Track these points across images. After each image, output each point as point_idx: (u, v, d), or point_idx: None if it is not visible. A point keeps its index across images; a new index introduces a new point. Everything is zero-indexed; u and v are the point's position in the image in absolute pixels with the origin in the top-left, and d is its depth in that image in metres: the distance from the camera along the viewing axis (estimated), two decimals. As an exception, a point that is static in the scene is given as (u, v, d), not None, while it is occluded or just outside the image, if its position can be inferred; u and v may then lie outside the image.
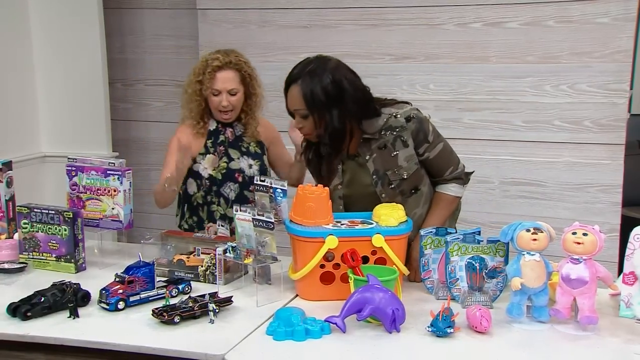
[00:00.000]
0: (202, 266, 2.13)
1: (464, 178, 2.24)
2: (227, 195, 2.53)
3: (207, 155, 2.52)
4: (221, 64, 2.46)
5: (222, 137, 2.56)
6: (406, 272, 2.01)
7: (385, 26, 3.36)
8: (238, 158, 2.55)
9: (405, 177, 2.13)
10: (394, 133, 2.11)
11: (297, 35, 3.45)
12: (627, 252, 1.85)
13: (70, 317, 1.83)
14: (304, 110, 2.06)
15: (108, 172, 2.33)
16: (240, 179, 2.53)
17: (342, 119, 2.06)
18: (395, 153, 2.12)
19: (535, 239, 1.77)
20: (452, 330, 1.69)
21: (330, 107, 2.04)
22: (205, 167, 2.50)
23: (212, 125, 2.56)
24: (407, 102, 2.21)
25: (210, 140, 2.54)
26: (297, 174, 2.46)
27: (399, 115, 2.13)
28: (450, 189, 2.22)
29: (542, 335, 1.74)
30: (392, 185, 2.13)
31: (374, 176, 2.14)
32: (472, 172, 2.28)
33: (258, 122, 2.59)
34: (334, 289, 1.96)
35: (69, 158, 2.41)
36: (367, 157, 2.14)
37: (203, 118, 2.53)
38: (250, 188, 2.42)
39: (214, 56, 2.48)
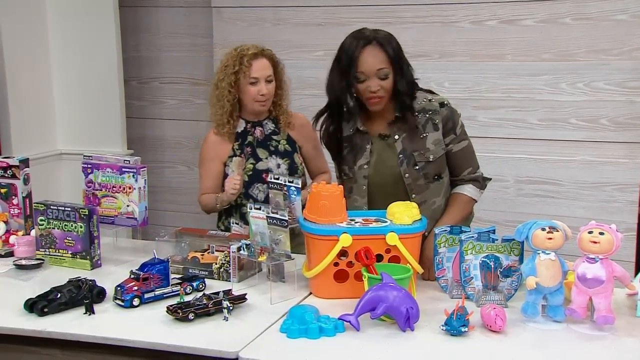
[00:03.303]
0: (216, 263, 2.14)
1: (481, 182, 2.25)
2: (255, 197, 2.51)
3: (234, 158, 2.48)
4: (257, 52, 2.47)
5: (250, 138, 2.53)
6: (420, 270, 2.00)
7: (400, 24, 3.35)
8: (266, 158, 2.52)
9: (431, 159, 2.16)
10: (427, 115, 2.16)
11: (311, 33, 3.45)
12: (645, 251, 1.83)
13: (86, 313, 1.85)
14: (387, 68, 2.09)
15: (123, 169, 2.34)
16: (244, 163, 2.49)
17: (411, 75, 2.15)
18: (424, 135, 2.16)
19: (550, 238, 1.75)
20: (466, 329, 1.69)
21: (404, 61, 2.14)
22: (233, 170, 2.48)
23: (241, 127, 2.54)
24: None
25: (237, 143, 2.52)
26: None
27: (433, 100, 2.20)
28: (467, 190, 2.23)
29: (558, 334, 1.72)
30: (417, 167, 2.15)
31: (401, 155, 2.16)
32: (490, 179, 2.30)
33: (290, 114, 2.57)
34: (348, 287, 1.96)
35: (84, 155, 2.43)
36: (397, 137, 2.17)
37: (232, 117, 2.51)
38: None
39: (244, 47, 2.48)
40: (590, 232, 1.73)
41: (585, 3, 3.04)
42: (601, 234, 1.72)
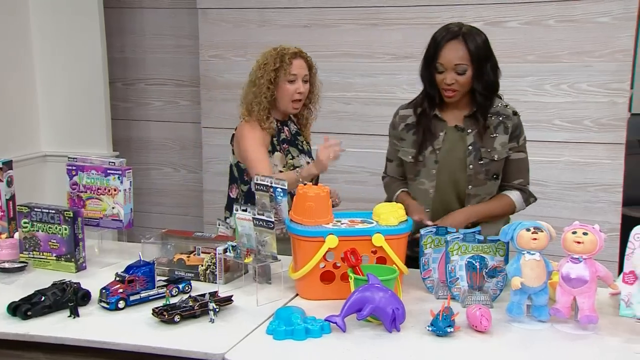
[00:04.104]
0: (202, 265, 2.13)
1: (527, 195, 2.34)
2: (293, 192, 2.49)
3: (275, 153, 2.51)
4: (297, 52, 2.51)
5: (283, 135, 2.56)
6: (406, 271, 2.01)
7: (386, 25, 3.36)
8: (297, 155, 2.56)
9: (496, 159, 2.24)
10: (500, 119, 2.26)
11: (297, 34, 3.45)
12: (627, 251, 1.85)
13: (70, 316, 1.84)
14: (465, 64, 2.15)
15: (108, 171, 2.33)
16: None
17: (495, 72, 2.22)
18: (494, 135, 2.24)
19: (535, 239, 1.77)
20: (452, 330, 1.69)
21: (487, 61, 2.19)
22: (276, 164, 2.49)
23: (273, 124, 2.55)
24: None
25: (275, 139, 2.53)
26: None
27: (508, 107, 2.30)
28: (513, 194, 2.32)
29: (542, 334, 1.74)
30: (482, 162, 2.23)
31: (470, 147, 2.24)
32: (535, 199, 2.38)
33: (313, 120, 2.64)
34: (334, 288, 1.96)
35: (69, 157, 2.41)
36: (469, 131, 2.25)
37: (268, 115, 2.51)
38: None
39: (284, 47, 2.51)
40: (574, 233, 1.75)
41: (569, 5, 3.07)
42: (585, 234, 1.73)
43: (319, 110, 2.65)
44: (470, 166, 2.24)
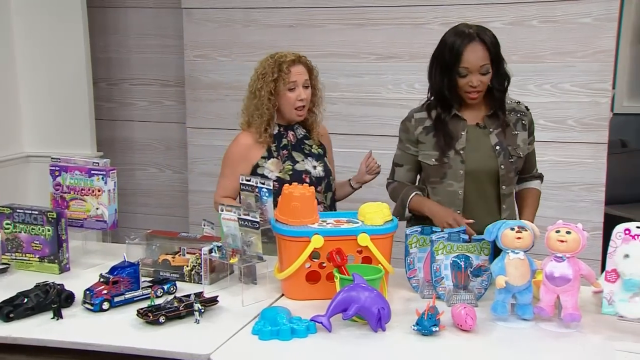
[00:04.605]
0: (187, 266, 2.12)
1: (541, 177, 2.43)
2: None
3: (271, 159, 2.48)
4: (294, 59, 2.47)
5: (284, 141, 2.52)
6: (391, 270, 2.01)
7: (371, 25, 3.37)
8: (302, 160, 2.51)
9: (521, 155, 2.26)
10: (517, 115, 2.28)
11: (282, 34, 3.45)
12: (610, 249, 1.87)
13: (53, 318, 1.82)
14: (488, 64, 2.16)
15: (92, 172, 2.31)
16: (307, 180, 2.46)
17: (506, 71, 2.25)
18: (515, 132, 2.26)
19: (519, 238, 1.78)
20: (437, 329, 1.70)
21: (501, 59, 2.22)
22: (271, 170, 2.46)
23: (274, 130, 2.52)
24: None
25: (274, 145, 2.50)
26: (343, 194, 2.63)
27: (521, 103, 2.34)
28: (536, 184, 2.39)
29: (526, 332, 1.75)
30: (511, 160, 2.24)
31: (497, 147, 2.23)
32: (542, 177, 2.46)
33: (319, 124, 2.59)
34: (320, 288, 1.96)
35: (52, 158, 2.39)
36: (492, 130, 2.25)
37: (270, 124, 2.49)
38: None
39: (281, 54, 2.48)
40: (557, 232, 1.76)
41: (551, 6, 3.10)
42: (568, 233, 1.75)
43: (324, 112, 2.61)
44: (502, 166, 2.22)
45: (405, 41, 3.32)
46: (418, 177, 2.37)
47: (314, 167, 2.52)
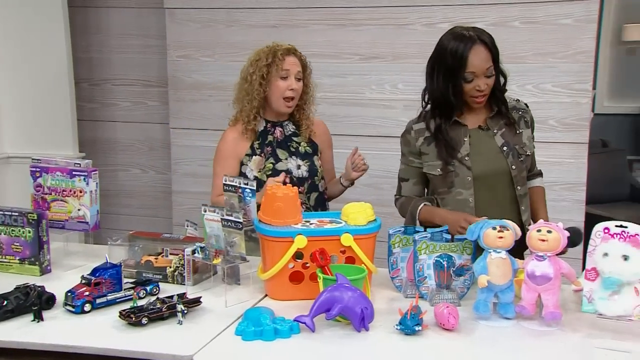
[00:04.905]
0: (170, 267, 2.11)
1: (541, 174, 2.43)
2: None
3: (254, 157, 2.47)
4: (290, 49, 2.48)
5: (270, 138, 2.51)
6: (375, 270, 2.02)
7: (354, 26, 3.38)
8: (286, 159, 2.49)
9: (528, 153, 2.26)
10: (519, 113, 2.28)
11: (265, 35, 3.43)
12: (589, 248, 1.89)
13: (34, 320, 1.80)
14: (492, 65, 2.14)
15: (73, 172, 2.29)
16: (287, 180, 2.41)
17: (503, 70, 2.24)
18: (520, 131, 2.25)
19: (501, 237, 1.79)
20: (420, 328, 1.71)
21: (499, 59, 2.19)
22: (252, 168, 2.46)
23: (261, 126, 2.51)
24: None
25: (258, 142, 2.49)
26: (336, 193, 2.60)
27: (520, 100, 2.34)
28: (542, 181, 2.41)
29: (508, 331, 1.76)
30: (521, 159, 2.23)
31: (505, 147, 2.21)
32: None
33: (312, 120, 2.57)
34: (303, 288, 1.96)
35: (33, 159, 2.37)
36: (496, 131, 2.23)
37: (258, 114, 2.48)
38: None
39: (277, 43, 2.49)
40: (538, 231, 1.78)
41: (533, 7, 3.13)
42: (549, 232, 1.76)
43: (314, 112, 2.60)
44: (513, 167, 2.19)
45: (389, 42, 3.34)
46: (425, 190, 2.33)
47: (298, 167, 2.50)
